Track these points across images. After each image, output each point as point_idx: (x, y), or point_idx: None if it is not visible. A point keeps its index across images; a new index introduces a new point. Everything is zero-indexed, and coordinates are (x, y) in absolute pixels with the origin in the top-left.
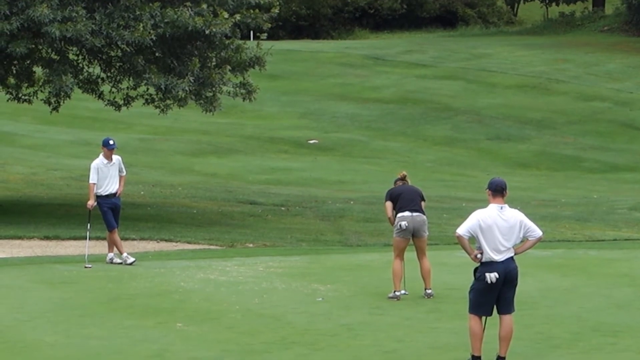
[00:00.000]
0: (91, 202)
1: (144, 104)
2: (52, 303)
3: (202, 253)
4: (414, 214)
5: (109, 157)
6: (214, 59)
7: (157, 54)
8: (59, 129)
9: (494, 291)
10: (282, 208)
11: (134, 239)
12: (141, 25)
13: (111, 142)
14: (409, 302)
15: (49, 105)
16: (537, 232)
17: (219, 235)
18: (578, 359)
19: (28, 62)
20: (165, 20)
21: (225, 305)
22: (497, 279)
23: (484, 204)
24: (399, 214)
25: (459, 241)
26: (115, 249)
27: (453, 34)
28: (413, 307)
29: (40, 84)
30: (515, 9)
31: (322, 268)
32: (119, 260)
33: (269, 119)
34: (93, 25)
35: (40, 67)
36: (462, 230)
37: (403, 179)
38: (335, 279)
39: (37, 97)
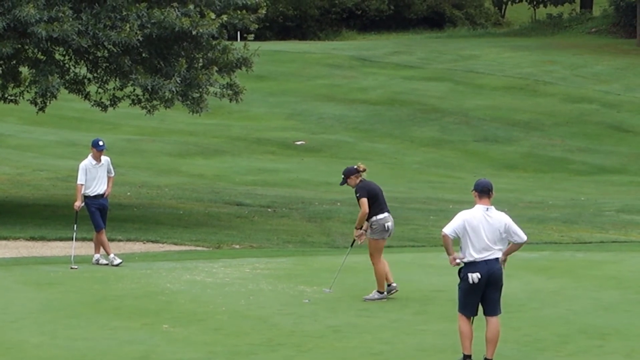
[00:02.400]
0: (78, 203)
1: (130, 104)
2: (38, 304)
3: (189, 254)
4: (389, 214)
5: (97, 158)
6: (200, 60)
7: (143, 55)
8: (45, 129)
9: (477, 291)
10: (269, 209)
11: (120, 240)
12: (128, 25)
13: (100, 143)
14: (395, 304)
15: (35, 105)
16: (522, 236)
17: (206, 237)
18: None
19: (14, 62)
20: (152, 21)
21: (212, 306)
22: (479, 279)
23: (470, 205)
24: (380, 215)
25: (443, 240)
26: (101, 249)
27: (440, 35)
28: (400, 309)
29: (27, 84)
30: (502, 11)
31: (309, 269)
32: (105, 262)
33: (255, 120)
34: (79, 26)
35: (26, 67)
36: (449, 230)
37: (363, 171)
38: (322, 281)
39: (23, 98)
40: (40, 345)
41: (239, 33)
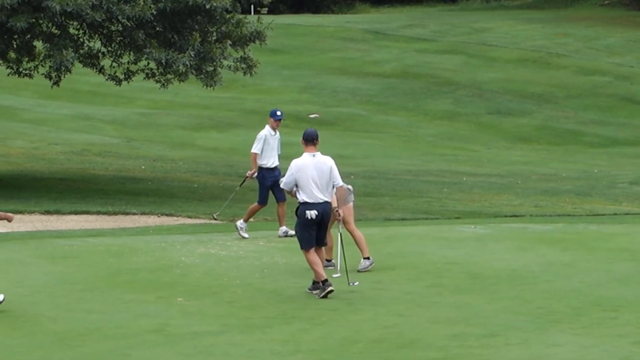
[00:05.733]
0: (252, 172)
1: (144, 78)
2: (53, 277)
3: (203, 227)
4: None
5: (275, 128)
6: (214, 34)
7: (157, 29)
8: (59, 103)
9: (313, 226)
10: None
11: (134, 214)
12: None
13: (278, 113)
14: (409, 277)
15: (50, 79)
16: (338, 181)
17: (220, 210)
18: (579, 333)
19: (29, 36)
20: None
21: (226, 279)
22: (316, 216)
23: (484, 178)
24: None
25: (287, 192)
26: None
27: (454, 8)
28: (413, 282)
29: (41, 58)
30: None
31: None
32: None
33: (269, 93)
34: (94, 0)
35: (40, 42)
36: (286, 185)
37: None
38: (336, 254)
39: (37, 72)
40: (56, 319)
41: (252, 6)
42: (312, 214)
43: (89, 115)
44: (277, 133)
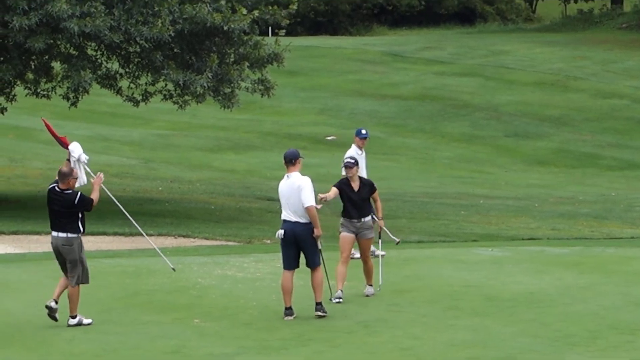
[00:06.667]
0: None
1: (162, 99)
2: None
3: (220, 249)
4: None
5: (361, 147)
6: (232, 55)
7: (175, 50)
8: (77, 124)
9: (288, 246)
10: None
11: (151, 235)
12: (160, 21)
13: (363, 131)
14: (426, 299)
15: (68, 100)
16: (304, 201)
17: (237, 232)
18: (596, 356)
19: (47, 57)
20: (184, 16)
21: (243, 301)
22: (284, 235)
23: (501, 200)
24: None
25: None
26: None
27: (471, 30)
28: (430, 305)
29: (59, 79)
30: (533, 6)
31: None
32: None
33: (287, 115)
34: (112, 21)
35: (58, 63)
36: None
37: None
38: (352, 276)
39: (55, 93)
40: (72, 340)
41: (270, 28)
42: (279, 233)
43: (106, 136)
44: (364, 152)
